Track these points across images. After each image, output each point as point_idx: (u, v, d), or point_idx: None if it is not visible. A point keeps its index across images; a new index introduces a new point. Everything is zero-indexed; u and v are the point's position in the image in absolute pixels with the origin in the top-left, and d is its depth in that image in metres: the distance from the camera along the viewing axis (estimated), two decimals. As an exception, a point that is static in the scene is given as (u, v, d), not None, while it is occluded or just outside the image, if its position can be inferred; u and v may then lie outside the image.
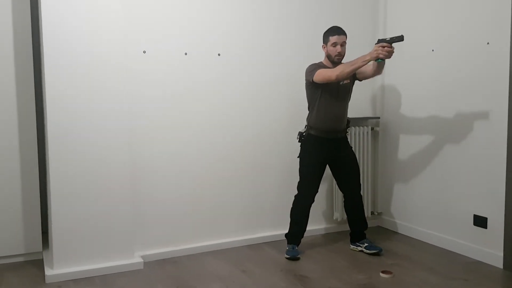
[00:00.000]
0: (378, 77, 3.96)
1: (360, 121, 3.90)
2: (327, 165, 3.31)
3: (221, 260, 3.21)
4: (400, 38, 2.86)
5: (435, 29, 3.45)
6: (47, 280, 2.81)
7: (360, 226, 3.39)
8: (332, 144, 3.21)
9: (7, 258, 3.09)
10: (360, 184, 3.39)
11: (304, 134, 3.23)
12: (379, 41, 2.92)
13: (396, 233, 3.83)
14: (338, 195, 3.79)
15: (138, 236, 3.15)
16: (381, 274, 2.92)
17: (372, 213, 3.98)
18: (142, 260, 3.09)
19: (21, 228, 3.10)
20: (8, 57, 3.00)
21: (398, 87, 3.82)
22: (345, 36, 3.14)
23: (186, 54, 3.24)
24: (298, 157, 3.27)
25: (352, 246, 3.42)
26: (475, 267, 3.06)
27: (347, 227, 3.66)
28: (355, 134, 3.80)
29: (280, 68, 3.59)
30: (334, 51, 3.11)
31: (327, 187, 3.84)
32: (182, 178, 3.31)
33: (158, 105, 3.19)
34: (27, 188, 3.11)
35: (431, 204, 3.55)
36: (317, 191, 3.30)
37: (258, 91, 3.54)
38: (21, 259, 3.14)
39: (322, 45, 3.21)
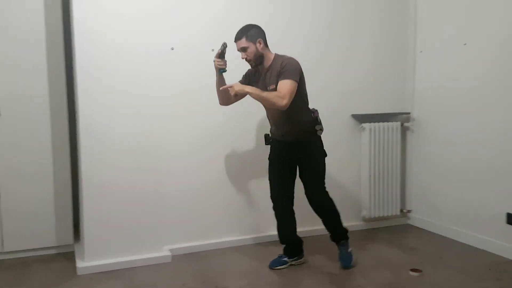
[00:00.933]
0: (407, 71, 3.90)
1: (389, 117, 3.83)
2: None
3: (247, 256, 3.21)
4: (222, 47, 2.75)
5: (468, 23, 3.36)
6: (79, 272, 2.88)
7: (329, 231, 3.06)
8: (285, 146, 2.92)
9: (39, 250, 3.18)
10: (314, 188, 2.94)
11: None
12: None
13: (425, 231, 3.75)
14: (365, 192, 3.74)
15: (166, 230, 3.19)
16: (410, 272, 2.87)
17: (401, 210, 3.91)
18: (170, 254, 3.13)
19: (53, 222, 3.19)
20: (41, 63, 3.08)
21: (430, 82, 3.73)
22: (242, 40, 2.72)
23: (213, 50, 3.24)
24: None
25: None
26: (508, 266, 2.97)
27: (375, 225, 3.63)
28: (383, 129, 3.74)
29: (306, 65, 3.54)
30: (242, 57, 2.79)
31: (354, 184, 3.79)
32: (209, 173, 3.33)
33: (183, 102, 3.22)
34: (59, 182, 3.19)
35: (462, 202, 3.46)
36: (285, 192, 2.97)
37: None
38: (53, 251, 3.23)
39: None
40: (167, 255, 3.11)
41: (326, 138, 3.46)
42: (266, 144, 3.01)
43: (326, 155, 2.96)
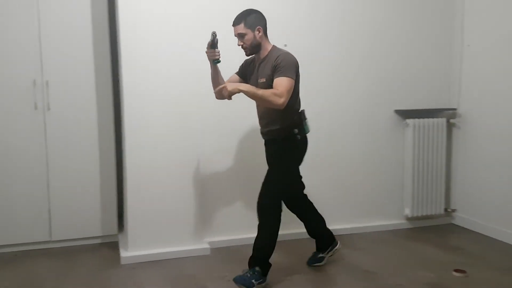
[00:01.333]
0: (454, 66, 3.76)
1: (434, 113, 3.71)
2: None
3: (285, 251, 3.20)
4: (212, 36, 2.54)
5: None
6: (122, 262, 2.98)
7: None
8: (265, 143, 2.79)
9: (85, 240, 3.31)
10: (262, 192, 2.68)
11: None
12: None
13: (470, 231, 3.62)
14: (408, 190, 3.64)
15: (205, 223, 3.24)
16: (454, 273, 2.78)
17: (446, 209, 3.78)
18: (209, 247, 3.17)
19: (98, 212, 3.30)
20: (89, 60, 3.19)
21: (477, 76, 3.58)
22: (240, 25, 2.52)
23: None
24: None
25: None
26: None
27: (418, 224, 3.53)
28: (428, 126, 3.63)
29: (348, 59, 3.51)
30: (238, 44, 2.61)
31: (396, 181, 3.70)
32: (249, 168, 3.33)
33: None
34: (104, 175, 3.30)
35: (509, 202, 3.30)
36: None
37: (329, 84, 3.48)
38: (98, 241, 3.35)
39: None
40: (206, 248, 3.16)
41: (368, 134, 3.41)
42: None
43: (299, 163, 2.71)
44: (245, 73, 2.75)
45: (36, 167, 3.15)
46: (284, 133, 2.61)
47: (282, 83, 2.43)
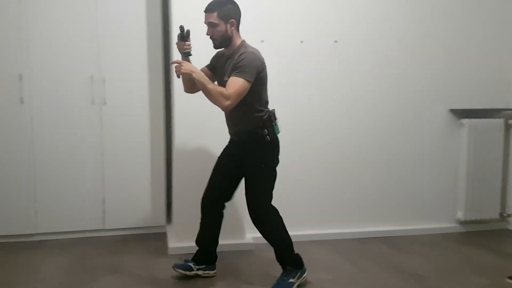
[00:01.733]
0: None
1: (491, 113, 3.54)
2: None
3: (329, 250, 3.17)
4: (180, 29, 2.39)
5: None
6: (170, 252, 3.06)
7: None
8: (234, 145, 2.63)
9: (135, 229, 3.44)
10: (252, 202, 2.58)
11: None
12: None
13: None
14: (461, 192, 3.49)
15: (248, 219, 3.25)
16: (508, 280, 2.64)
17: (501, 214, 3.59)
18: (253, 242, 3.19)
19: (148, 204, 3.43)
20: (142, 56, 3.30)
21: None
22: (213, 14, 2.34)
23: (302, 42, 3.23)
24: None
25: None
26: None
27: (471, 228, 3.37)
28: (484, 126, 3.47)
29: (400, 55, 3.41)
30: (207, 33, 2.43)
31: (449, 183, 3.55)
32: (288, 167, 3.30)
33: (274, 94, 3.23)
34: (154, 168, 3.41)
35: None
36: (219, 196, 2.68)
37: (380, 80, 3.40)
38: (147, 231, 3.46)
39: None
40: (250, 243, 3.18)
41: (421, 133, 3.29)
42: None
43: (275, 164, 2.58)
44: (215, 66, 2.56)
45: (92, 158, 3.31)
46: (254, 135, 2.47)
47: (234, 84, 2.28)
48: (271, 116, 2.50)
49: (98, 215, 3.34)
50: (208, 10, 2.35)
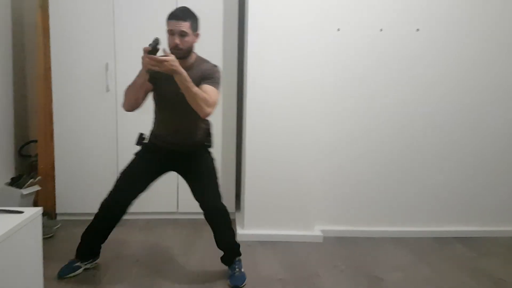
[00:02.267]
0: None
1: None
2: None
3: (403, 249, 3.05)
4: (154, 43, 2.09)
5: None
6: (238, 238, 3.10)
7: (221, 245, 2.60)
8: (170, 155, 2.45)
9: (206, 214, 3.54)
10: (212, 202, 2.51)
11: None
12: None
13: None
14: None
15: (319, 211, 3.23)
16: None
17: None
18: (322, 235, 3.16)
19: (219, 190, 3.51)
20: (218, 42, 3.37)
21: None
22: (185, 23, 2.19)
23: (381, 30, 3.11)
24: None
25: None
26: None
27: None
28: None
29: (484, 45, 3.17)
30: (171, 41, 2.22)
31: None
32: (363, 161, 3.24)
33: (341, 85, 3.17)
34: (226, 156, 3.48)
35: None
36: (130, 199, 2.45)
37: (462, 70, 3.20)
38: (217, 217, 3.55)
39: None
40: (319, 235, 3.15)
41: (503, 130, 3.06)
42: (137, 144, 2.49)
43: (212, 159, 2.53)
44: (156, 78, 2.28)
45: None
46: (203, 144, 2.47)
47: (214, 93, 2.22)
48: (209, 125, 2.51)
49: (172, 199, 3.47)
50: (181, 18, 2.20)
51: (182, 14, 2.20)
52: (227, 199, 3.49)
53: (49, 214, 3.32)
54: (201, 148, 2.49)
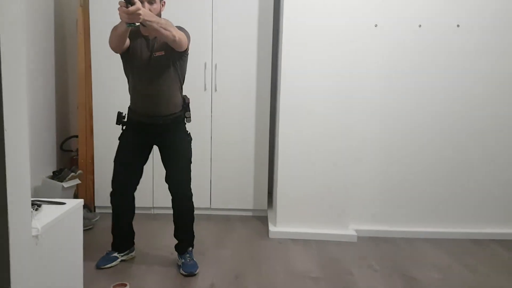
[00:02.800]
0: None
1: None
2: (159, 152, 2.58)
3: (440, 250, 2.98)
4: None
5: None
6: (270, 235, 3.13)
7: (177, 235, 2.64)
8: (148, 128, 2.47)
9: (238, 211, 3.58)
10: (182, 180, 2.53)
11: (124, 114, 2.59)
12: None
13: None
14: None
15: (352, 210, 3.20)
16: None
17: None
18: (356, 234, 3.12)
19: (251, 188, 3.53)
20: (252, 46, 3.39)
21: None
22: None
23: (420, 26, 3.04)
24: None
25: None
26: None
27: None
28: None
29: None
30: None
31: None
32: (400, 161, 3.18)
33: (380, 83, 3.12)
34: (258, 153, 3.50)
35: None
36: (133, 185, 2.59)
37: (508, 68, 3.09)
38: (249, 213, 3.58)
39: None
40: (353, 235, 3.12)
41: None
42: (117, 123, 2.54)
43: (190, 140, 2.56)
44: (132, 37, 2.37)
45: (203, 141, 3.46)
46: (180, 117, 2.49)
47: (181, 31, 2.29)
48: (187, 100, 2.52)
49: (205, 195, 3.52)
50: None
51: None
52: (259, 196, 3.53)
53: (88, 207, 3.43)
54: (177, 121, 2.49)
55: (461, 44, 3.06)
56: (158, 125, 2.45)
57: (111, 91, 3.37)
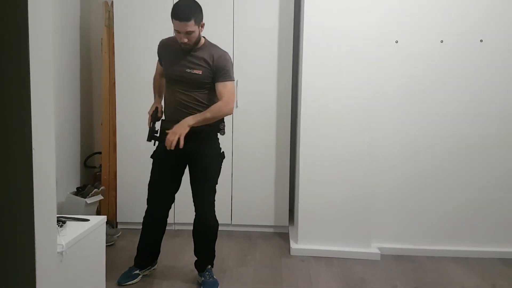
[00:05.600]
0: None
1: None
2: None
3: (467, 269, 2.89)
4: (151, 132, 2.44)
5: None
6: (292, 253, 3.09)
7: (197, 253, 2.63)
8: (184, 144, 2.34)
9: (259, 227, 3.55)
10: (207, 201, 2.50)
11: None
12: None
13: None
14: None
15: (376, 228, 3.14)
16: None
17: None
18: (379, 252, 3.06)
19: (272, 204, 3.51)
20: (272, 63, 3.40)
21: None
22: (190, 23, 2.25)
23: (442, 41, 3.01)
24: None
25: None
26: None
27: None
28: None
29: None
30: (178, 38, 2.33)
31: None
32: (423, 177, 3.11)
33: (401, 99, 3.08)
34: (279, 169, 3.48)
35: None
36: (168, 202, 2.59)
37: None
38: (270, 230, 3.55)
39: None
40: (376, 253, 3.05)
41: None
42: (148, 140, 2.46)
43: (223, 160, 2.54)
44: (159, 56, 2.52)
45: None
46: (215, 128, 2.48)
47: (228, 90, 2.37)
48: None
49: (226, 211, 3.51)
50: (185, 19, 2.25)
51: (186, 15, 2.25)
52: (281, 212, 3.50)
53: (111, 222, 3.47)
54: (211, 131, 2.48)
55: (484, 59, 3.00)
56: (190, 133, 2.32)
57: (134, 108, 3.42)
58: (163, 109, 2.55)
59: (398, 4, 3.02)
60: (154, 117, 2.51)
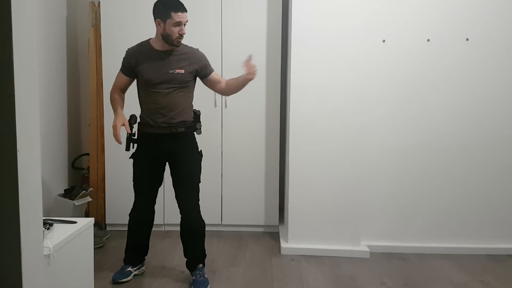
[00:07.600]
0: None
1: None
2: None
3: (455, 266, 2.92)
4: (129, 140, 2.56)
5: None
6: (282, 252, 3.10)
7: (187, 254, 2.64)
8: (162, 141, 2.49)
9: (250, 227, 3.55)
10: (191, 202, 2.54)
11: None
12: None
13: None
14: None
15: (365, 226, 3.16)
16: None
17: None
18: (369, 250, 3.08)
19: (262, 204, 3.51)
20: (262, 65, 3.41)
21: None
22: (186, 14, 2.42)
23: (428, 40, 3.04)
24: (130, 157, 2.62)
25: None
26: None
27: None
28: None
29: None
30: (176, 32, 2.39)
31: None
32: (412, 176, 3.14)
33: (390, 99, 3.10)
34: (269, 169, 3.49)
35: None
36: (153, 198, 2.63)
37: (514, 80, 3.06)
38: (261, 229, 3.55)
39: (156, 21, 2.42)
40: (365, 251, 3.07)
41: None
42: (127, 149, 2.54)
43: (201, 159, 2.61)
44: (136, 63, 2.48)
45: (214, 157, 3.48)
46: (192, 128, 2.56)
47: (218, 74, 2.64)
48: (198, 112, 2.61)
49: (216, 211, 3.51)
50: (185, 9, 2.41)
51: (183, 5, 2.40)
52: (271, 212, 3.50)
53: (100, 224, 3.44)
54: (189, 131, 2.54)
55: (471, 58, 3.04)
56: (170, 134, 2.47)
57: (122, 109, 3.39)
58: (140, 114, 2.57)
59: (386, 3, 3.04)
60: (131, 127, 2.53)
